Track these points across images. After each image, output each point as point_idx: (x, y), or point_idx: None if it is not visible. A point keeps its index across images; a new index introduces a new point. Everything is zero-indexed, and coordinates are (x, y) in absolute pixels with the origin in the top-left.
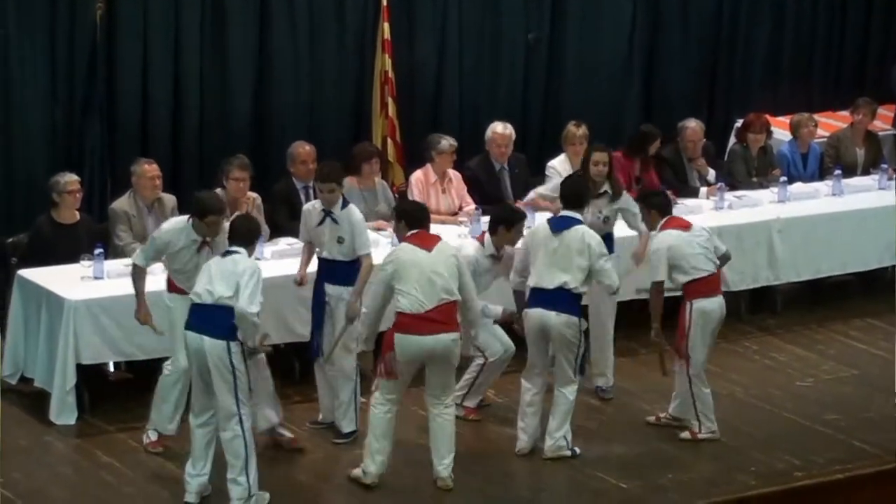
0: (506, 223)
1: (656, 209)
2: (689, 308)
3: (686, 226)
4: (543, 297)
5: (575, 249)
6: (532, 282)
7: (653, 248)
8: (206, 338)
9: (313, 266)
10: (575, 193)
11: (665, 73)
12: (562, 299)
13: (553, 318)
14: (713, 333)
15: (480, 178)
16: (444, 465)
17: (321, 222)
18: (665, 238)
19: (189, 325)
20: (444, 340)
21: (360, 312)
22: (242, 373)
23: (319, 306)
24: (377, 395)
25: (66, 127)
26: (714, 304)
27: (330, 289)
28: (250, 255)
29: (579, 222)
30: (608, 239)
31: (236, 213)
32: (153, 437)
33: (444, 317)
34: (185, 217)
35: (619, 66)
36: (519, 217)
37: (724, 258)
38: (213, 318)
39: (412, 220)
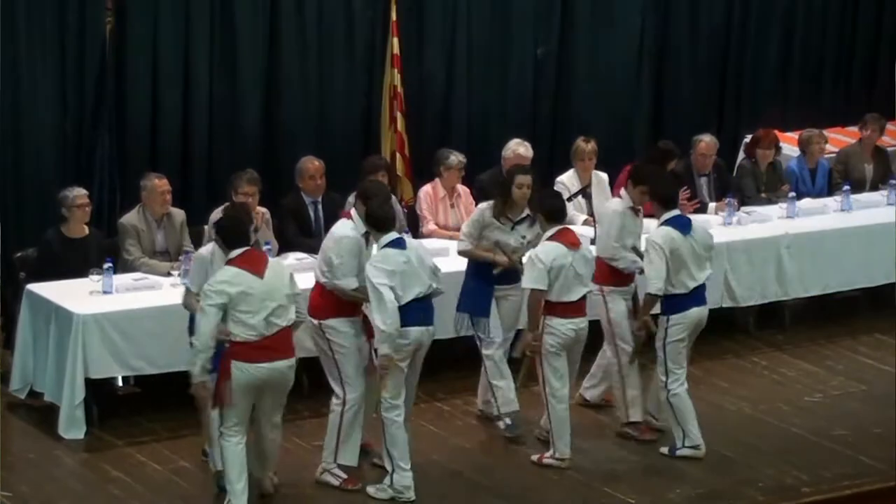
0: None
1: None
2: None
3: (575, 243)
4: (699, 296)
5: (707, 238)
6: (681, 288)
7: (534, 257)
8: (430, 328)
9: None
10: (674, 193)
11: (674, 88)
12: (705, 291)
13: (706, 310)
14: (570, 354)
15: (491, 192)
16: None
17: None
18: (549, 250)
19: (415, 321)
20: (280, 368)
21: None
22: None
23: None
24: (223, 430)
25: (75, 141)
26: (572, 327)
27: None
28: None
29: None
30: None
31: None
32: (343, 474)
33: (279, 343)
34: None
35: (628, 81)
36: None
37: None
38: (430, 309)
39: (232, 237)
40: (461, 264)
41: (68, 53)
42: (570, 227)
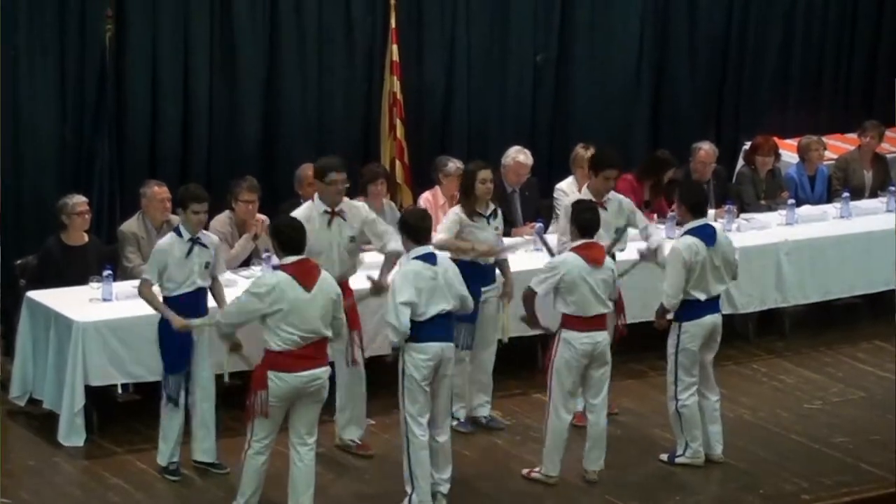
0: None
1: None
2: (557, 336)
3: (598, 260)
4: (714, 304)
5: (729, 254)
6: (700, 295)
7: (546, 264)
8: (451, 344)
9: None
10: (703, 201)
11: (673, 95)
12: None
13: (720, 318)
14: (590, 370)
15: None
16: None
17: (189, 252)
18: (567, 261)
19: (435, 337)
20: (317, 374)
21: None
22: None
23: (186, 344)
24: (254, 443)
25: (75, 148)
26: (588, 341)
27: (195, 323)
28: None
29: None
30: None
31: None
32: None
33: (315, 352)
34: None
35: (627, 88)
36: None
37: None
38: (451, 325)
39: (289, 243)
40: None
41: (68, 61)
42: (595, 241)
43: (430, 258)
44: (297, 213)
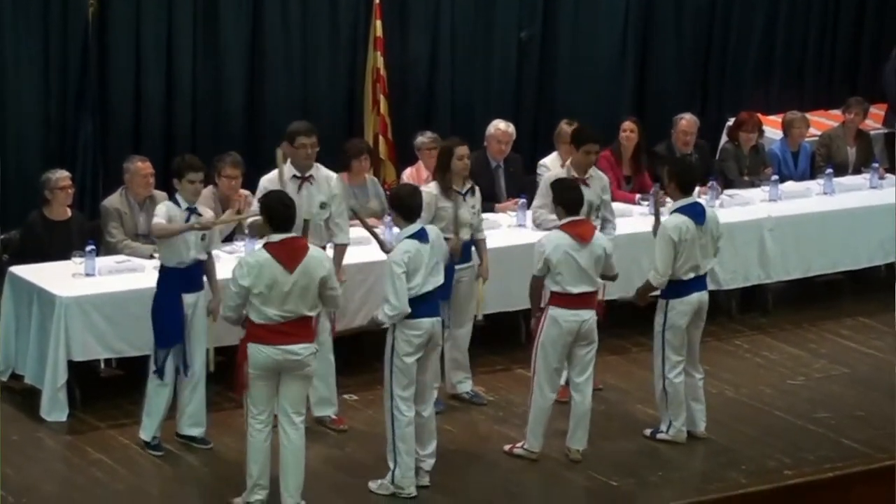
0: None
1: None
2: (545, 313)
3: (584, 236)
4: (700, 281)
5: (714, 230)
6: (689, 275)
7: (538, 242)
8: (439, 318)
9: None
10: (695, 179)
11: (657, 70)
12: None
13: (706, 295)
14: (574, 348)
15: (475, 174)
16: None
17: (187, 221)
18: (552, 238)
19: (427, 313)
20: (295, 350)
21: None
22: None
23: (178, 318)
24: (251, 420)
25: (58, 123)
26: (573, 318)
27: (189, 297)
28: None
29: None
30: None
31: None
32: None
33: (296, 329)
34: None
35: (611, 64)
36: None
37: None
38: (438, 300)
39: (278, 219)
40: None
41: (51, 36)
42: (584, 219)
43: (422, 235)
44: (267, 179)
